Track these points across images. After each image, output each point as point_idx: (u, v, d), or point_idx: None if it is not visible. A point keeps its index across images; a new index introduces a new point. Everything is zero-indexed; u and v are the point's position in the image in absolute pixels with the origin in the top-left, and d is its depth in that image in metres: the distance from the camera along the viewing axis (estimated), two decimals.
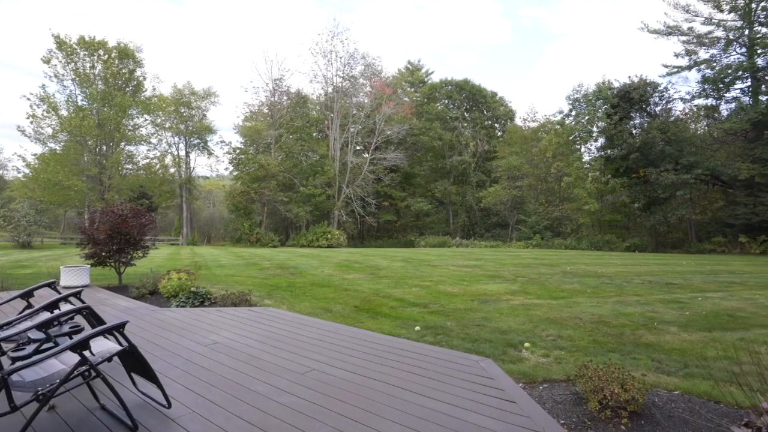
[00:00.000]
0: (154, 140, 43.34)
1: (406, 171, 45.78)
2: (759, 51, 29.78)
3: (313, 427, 2.80)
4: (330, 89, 41.91)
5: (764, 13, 28.68)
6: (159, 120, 43.23)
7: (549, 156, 39.34)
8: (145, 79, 40.13)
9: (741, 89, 31.67)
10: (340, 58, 40.79)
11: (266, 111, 41.14)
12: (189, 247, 30.50)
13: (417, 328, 5.85)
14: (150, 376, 2.87)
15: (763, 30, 29.33)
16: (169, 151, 45.45)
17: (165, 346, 4.62)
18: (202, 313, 6.36)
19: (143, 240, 9.37)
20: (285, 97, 41.05)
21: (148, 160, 41.96)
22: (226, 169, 43.50)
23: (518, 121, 49.79)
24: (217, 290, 8.32)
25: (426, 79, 54.54)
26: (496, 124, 53.02)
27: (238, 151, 39.80)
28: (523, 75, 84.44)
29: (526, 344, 5.06)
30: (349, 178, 39.84)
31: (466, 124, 49.67)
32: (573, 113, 37.59)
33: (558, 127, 39.26)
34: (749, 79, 30.75)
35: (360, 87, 43.63)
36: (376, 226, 46.76)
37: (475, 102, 50.68)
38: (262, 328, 5.50)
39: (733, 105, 32.22)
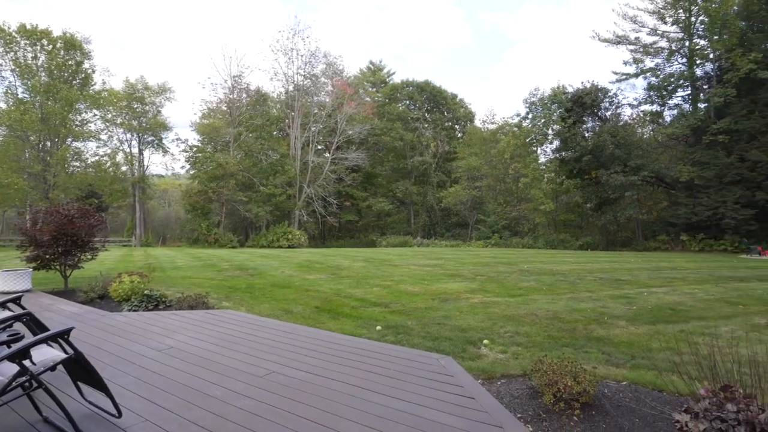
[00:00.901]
0: (104, 136, 41.36)
1: (368, 171, 45.84)
2: (698, 61, 31.79)
3: (272, 430, 2.76)
4: (291, 87, 41.39)
5: (702, 26, 30.60)
6: (110, 115, 41.24)
7: (507, 157, 40.41)
8: (94, 72, 38.14)
9: (682, 97, 33.72)
10: (302, 56, 40.38)
11: (225, 108, 40.12)
12: (143, 249, 29.29)
13: (378, 327, 5.87)
14: (98, 384, 2.74)
15: (702, 42, 31.31)
16: (121, 148, 43.47)
17: (115, 353, 4.42)
18: (156, 317, 6.13)
19: (92, 242, 8.92)
20: (244, 95, 40.18)
21: (97, 158, 39.97)
22: (183, 167, 42.09)
23: (478, 123, 50.89)
24: (172, 293, 8.04)
25: (388, 80, 54.80)
26: (456, 126, 53.93)
27: (195, 149, 38.56)
28: (483, 78, 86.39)
29: (485, 341, 5.18)
30: (310, 177, 39.45)
31: (427, 125, 50.26)
32: (530, 116, 38.83)
33: (515, 129, 40.42)
34: (689, 88, 32.76)
35: (321, 86, 43.33)
36: (337, 226, 46.55)
37: (436, 103, 51.36)
38: (219, 330, 5.36)
39: (675, 111, 34.27)
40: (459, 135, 52.01)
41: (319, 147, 44.96)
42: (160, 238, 45.38)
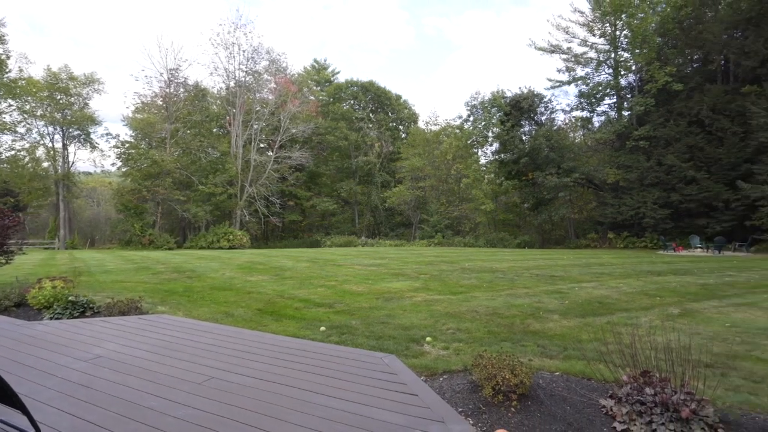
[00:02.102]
0: (21, 129, 37.86)
1: (312, 170, 45.36)
2: (622, 72, 34.29)
3: None
4: (232, 83, 40.05)
5: (626, 40, 33.02)
6: (28, 106, 37.83)
7: (449, 158, 41.46)
8: (8, 58, 34.86)
9: (609, 104, 36.23)
10: (243, 51, 39.22)
11: (160, 103, 38.09)
12: (67, 252, 27.19)
13: (322, 328, 5.83)
14: (12, 401, 2.50)
15: (625, 55, 33.79)
16: (42, 142, 39.96)
17: (35, 365, 4.08)
18: (82, 325, 5.72)
19: (6, 244, 8.18)
20: (182, 89, 38.39)
21: (13, 152, 36.60)
22: (113, 164, 39.48)
23: (421, 124, 51.82)
24: (101, 298, 7.54)
25: (332, 79, 54.48)
26: (400, 126, 54.58)
27: (127, 145, 36.33)
28: (427, 80, 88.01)
29: (428, 338, 5.29)
30: (252, 176, 38.38)
31: (371, 125, 50.48)
32: (471, 119, 40.09)
33: (457, 131, 41.57)
34: (615, 96, 35.26)
35: (264, 83, 42.30)
36: (280, 226, 45.64)
37: (380, 104, 51.70)
38: (154, 337, 5.10)
39: (602, 118, 36.74)
40: (403, 136, 52.68)
41: (262, 145, 43.88)
42: (87, 240, 42.33)
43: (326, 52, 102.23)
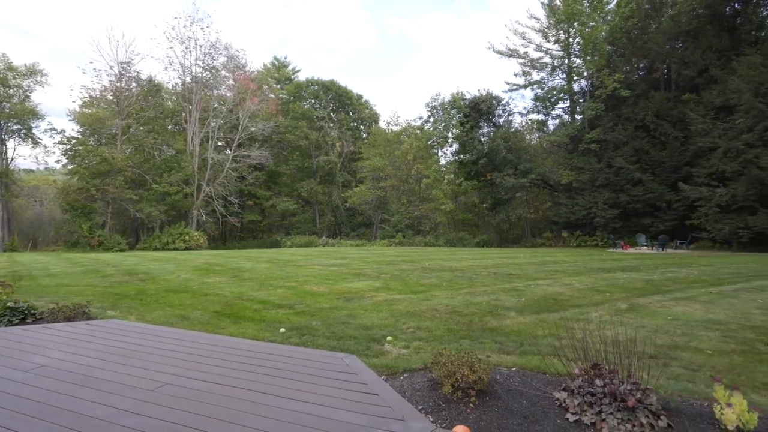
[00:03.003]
0: None
1: (272, 170, 44.61)
2: (575, 78, 35.73)
3: None
4: (188, 79, 38.71)
5: (578, 47, 34.43)
6: None
7: (410, 158, 41.83)
8: None
9: (563, 108, 37.69)
10: (200, 46, 37.94)
11: (111, 97, 36.32)
12: (6, 255, 25.48)
13: (282, 329, 5.74)
14: None
15: (578, 61, 35.23)
16: None
17: None
18: (23, 333, 5.38)
19: None
20: (134, 84, 36.75)
21: None
22: (58, 161, 37.31)
23: (382, 124, 51.99)
24: (44, 304, 7.11)
25: (293, 77, 53.77)
26: (361, 126, 54.54)
27: (74, 141, 34.38)
28: (388, 80, 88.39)
29: (389, 338, 5.31)
30: (209, 175, 37.25)
31: (332, 125, 50.20)
32: (431, 120, 40.63)
33: (418, 131, 42.01)
34: (568, 101, 36.70)
35: (222, 79, 41.17)
36: (239, 226, 44.62)
37: (341, 103, 51.48)
38: (103, 343, 4.86)
39: (557, 121, 38.17)
40: (364, 136, 52.69)
41: (220, 143, 42.70)
42: (29, 242, 39.78)
43: (287, 50, 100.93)
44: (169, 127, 41.73)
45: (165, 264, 14.75)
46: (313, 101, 50.24)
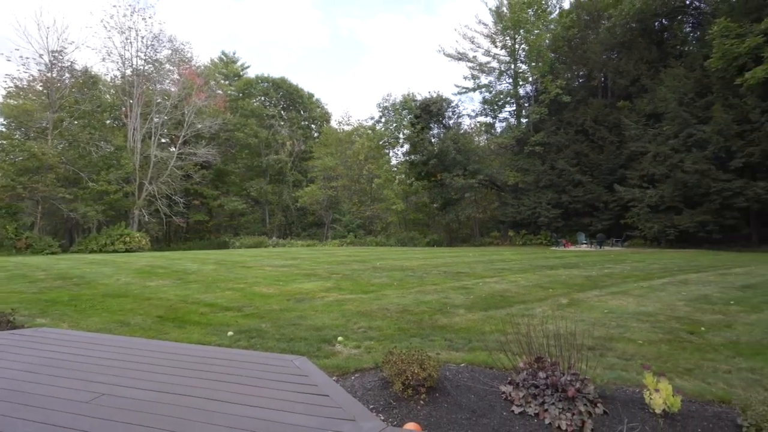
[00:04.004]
0: None
1: (219, 168, 43.21)
2: (521, 83, 37.14)
3: None
4: (129, 72, 36.67)
5: (524, 53, 35.83)
6: None
7: (361, 158, 41.87)
8: None
9: (509, 112, 39.07)
10: (142, 37, 36.03)
11: (40, 88, 33.74)
12: None
13: (230, 333, 5.58)
14: None
15: (524, 67, 36.66)
16: None
17: None
18: None
19: None
20: (67, 74, 34.30)
21: None
22: None
23: (334, 124, 51.72)
24: None
25: (242, 74, 52.35)
26: (312, 125, 53.97)
27: None
28: (340, 80, 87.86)
29: (340, 338, 5.29)
30: (152, 173, 35.50)
31: (283, 123, 49.35)
32: (383, 120, 40.87)
33: (370, 131, 42.13)
34: (514, 104, 38.09)
35: (166, 73, 39.31)
36: (185, 227, 42.86)
37: (292, 101, 50.72)
38: (31, 353, 4.51)
39: (504, 124, 39.52)
40: (315, 135, 52.17)
41: (164, 140, 40.82)
42: None
43: (236, 46, 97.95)
44: (108, 121, 39.39)
45: (102, 267, 13.91)
46: (262, 99, 49.14)
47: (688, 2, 30.87)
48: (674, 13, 31.02)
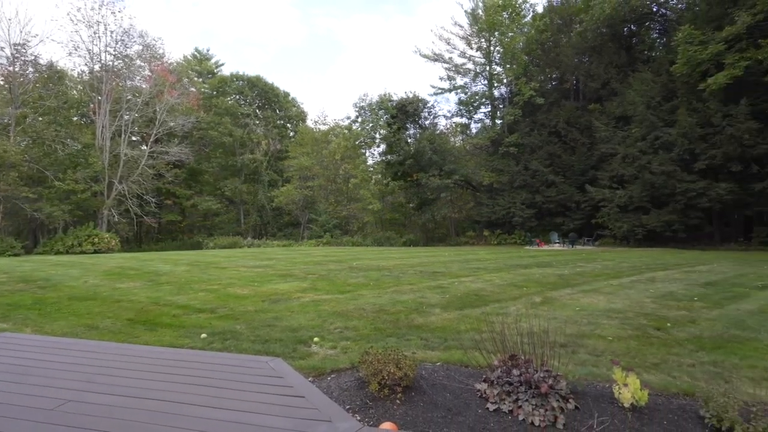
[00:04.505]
0: None
1: (193, 167, 42.33)
2: (495, 84, 37.68)
3: None
4: (97, 67, 35.49)
5: (499, 55, 36.37)
6: None
7: (338, 158, 41.71)
8: None
9: (484, 113, 39.61)
10: (111, 32, 34.89)
11: (1, 83, 32.40)
12: None
13: (203, 335, 5.47)
14: None
15: (498, 69, 37.20)
16: None
17: None
18: None
19: None
20: (31, 69, 33.00)
21: None
22: None
23: (310, 123, 51.37)
24: None
25: (216, 71, 51.46)
26: (288, 124, 53.48)
27: None
28: (316, 79, 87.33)
29: (316, 339, 5.26)
30: (122, 172, 34.47)
31: (258, 122, 48.73)
32: (359, 120, 40.80)
33: (346, 131, 42.00)
34: (489, 106, 38.64)
35: (137, 69, 38.22)
36: (157, 227, 41.85)
37: (267, 100, 50.14)
38: None
39: (479, 125, 40.04)
40: (291, 134, 51.71)
41: (134, 138, 39.71)
42: None
43: (210, 43, 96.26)
44: (75, 118, 38.09)
45: (69, 269, 13.45)
46: (237, 97, 48.39)
47: (655, 9, 31.89)
48: (642, 19, 32.02)
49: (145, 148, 37.48)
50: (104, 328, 5.97)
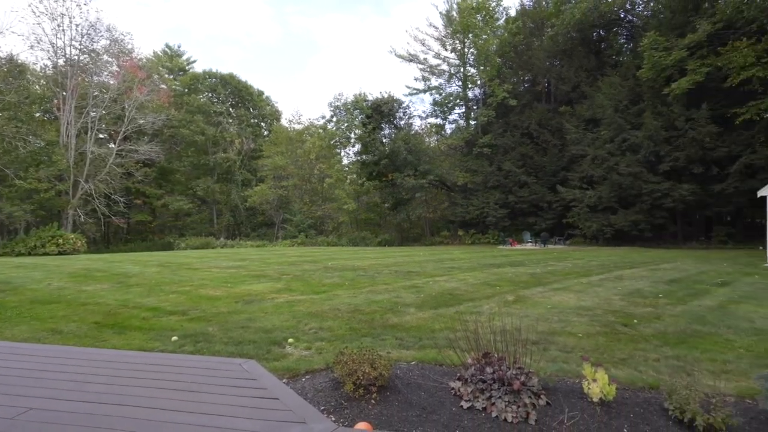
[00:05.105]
0: None
1: (164, 166, 41.31)
2: (469, 86, 38.12)
3: None
4: (61, 61, 34.17)
5: (473, 57, 36.81)
6: None
7: (313, 158, 41.44)
8: None
9: (458, 114, 40.01)
10: (77, 25, 33.62)
11: None
12: None
13: (174, 338, 5.35)
14: None
15: (472, 70, 37.65)
16: None
17: None
18: None
19: None
20: None
21: None
22: None
23: (284, 122, 50.82)
24: None
25: (187, 68, 50.35)
26: (262, 123, 52.83)
27: None
28: (291, 78, 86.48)
29: (290, 340, 5.21)
30: (89, 171, 33.30)
31: (231, 120, 47.95)
32: (334, 119, 40.60)
33: (321, 131, 41.75)
34: (464, 107, 39.06)
35: (104, 65, 36.97)
36: (125, 227, 40.67)
37: (241, 98, 49.39)
38: None
39: (453, 125, 40.45)
40: (265, 133, 51.07)
41: (102, 136, 38.44)
42: None
43: (181, 39, 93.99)
44: (37, 114, 36.59)
45: (31, 272, 12.92)
46: (210, 95, 47.49)
47: (622, 15, 32.87)
48: (610, 24, 32.96)
49: (113, 146, 36.32)
50: (69, 333, 5.76)
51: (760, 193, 14.72)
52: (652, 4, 30.90)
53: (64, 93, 33.56)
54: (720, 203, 24.82)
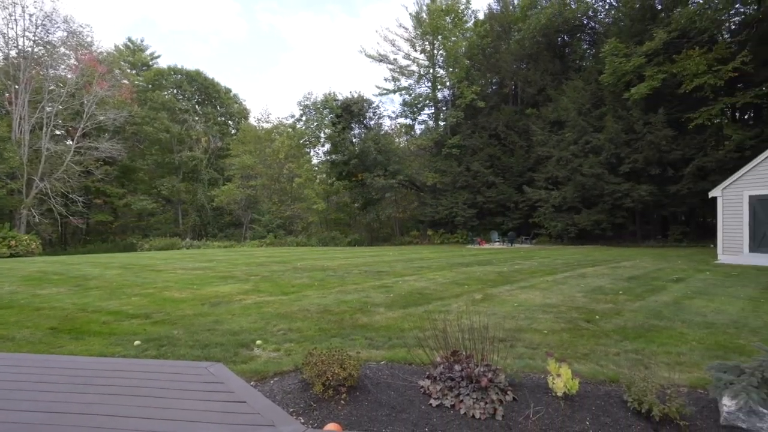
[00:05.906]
0: None
1: (126, 164, 39.95)
2: (439, 87, 38.52)
3: None
4: (13, 53, 32.55)
5: (442, 59, 37.21)
6: None
7: (282, 157, 40.96)
8: None
9: (428, 114, 40.35)
10: (30, 15, 32.15)
11: None
12: None
13: (137, 342, 5.17)
14: None
15: (442, 72, 38.05)
16: None
17: None
18: None
19: None
20: None
21: None
22: None
23: (252, 121, 50.08)
24: None
25: (151, 63, 48.82)
26: (229, 122, 51.84)
27: None
28: (259, 76, 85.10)
29: (258, 342, 5.13)
30: (44, 169, 31.82)
31: (197, 118, 46.81)
32: (303, 119, 40.30)
33: (290, 130, 41.32)
34: (433, 108, 39.42)
35: (60, 58, 35.42)
36: (84, 228, 39.05)
37: (207, 96, 48.33)
38: None
39: (423, 126, 40.77)
40: (233, 132, 50.14)
41: (58, 132, 36.79)
42: None
43: (144, 33, 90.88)
44: None
45: None
46: (175, 91, 46.25)
47: (585, 22, 33.92)
48: (574, 30, 33.96)
49: (71, 143, 34.84)
50: (22, 339, 5.48)
51: (711, 194, 15.50)
52: (613, 12, 32.03)
53: (17, 86, 31.95)
54: (675, 203, 25.99)
